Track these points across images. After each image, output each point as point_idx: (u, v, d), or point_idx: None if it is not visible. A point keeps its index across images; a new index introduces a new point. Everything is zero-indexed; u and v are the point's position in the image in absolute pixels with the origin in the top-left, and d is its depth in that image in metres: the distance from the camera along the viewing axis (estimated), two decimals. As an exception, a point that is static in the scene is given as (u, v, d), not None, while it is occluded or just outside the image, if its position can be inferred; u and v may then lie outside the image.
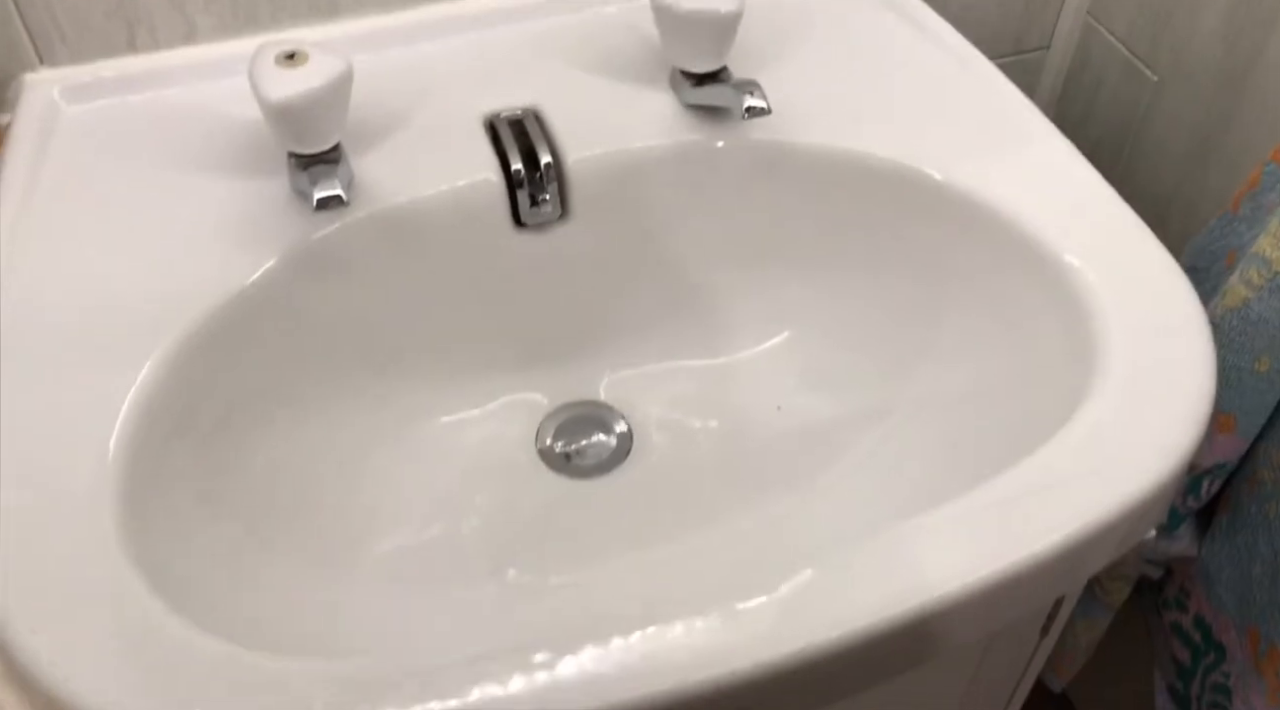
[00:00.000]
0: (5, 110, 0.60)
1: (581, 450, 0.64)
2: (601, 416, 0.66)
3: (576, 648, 0.40)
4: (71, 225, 0.55)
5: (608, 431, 0.65)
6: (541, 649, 0.40)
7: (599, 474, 0.64)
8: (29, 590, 0.42)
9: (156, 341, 0.50)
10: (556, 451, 0.64)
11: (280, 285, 0.55)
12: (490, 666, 0.40)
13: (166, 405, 0.49)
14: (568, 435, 0.65)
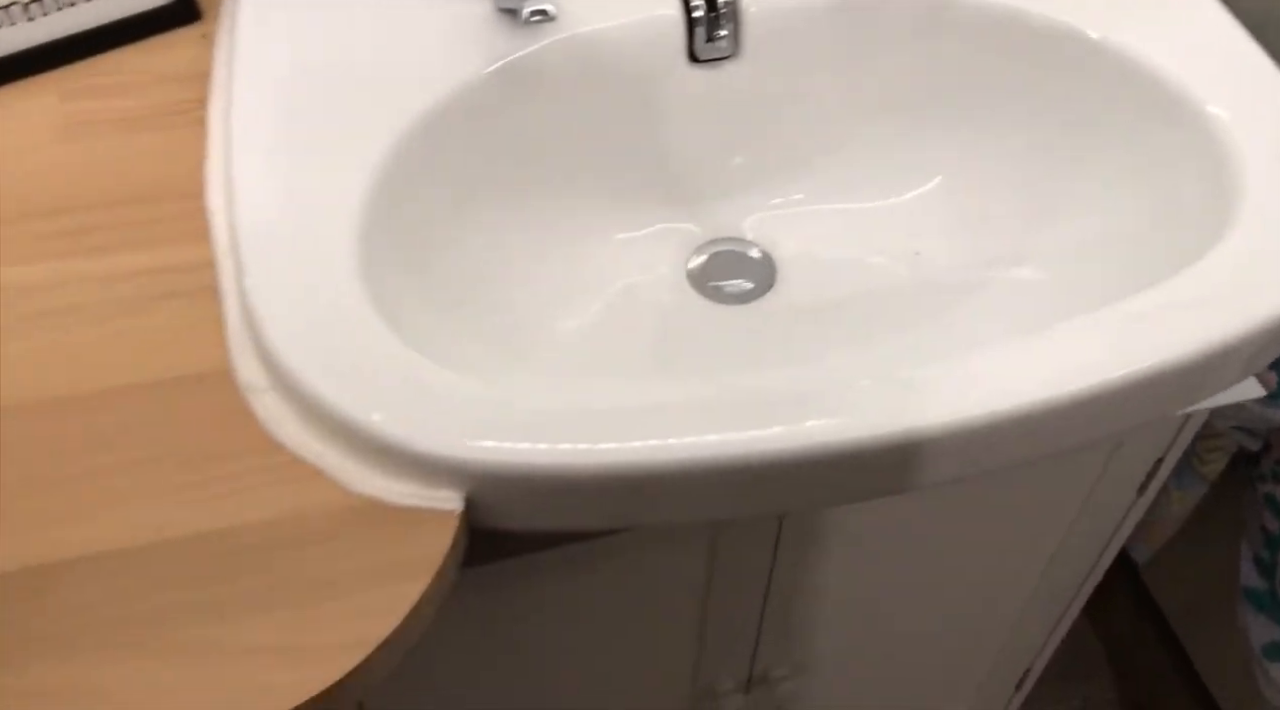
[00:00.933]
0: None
1: (727, 280, 0.70)
2: (747, 251, 0.71)
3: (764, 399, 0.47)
4: (294, 25, 0.61)
5: (752, 265, 0.71)
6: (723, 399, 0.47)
7: (742, 303, 0.69)
8: (295, 320, 0.49)
9: (378, 134, 0.57)
10: (704, 279, 0.70)
11: (478, 96, 0.61)
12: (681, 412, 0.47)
13: (389, 191, 0.56)
14: (715, 265, 0.70)
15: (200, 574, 0.44)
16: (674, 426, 0.47)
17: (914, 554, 0.75)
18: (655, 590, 0.68)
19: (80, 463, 0.47)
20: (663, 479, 0.47)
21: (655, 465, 0.47)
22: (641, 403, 0.49)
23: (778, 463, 0.47)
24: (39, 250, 0.53)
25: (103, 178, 0.56)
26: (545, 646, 0.69)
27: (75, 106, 0.59)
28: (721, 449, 0.47)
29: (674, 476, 0.47)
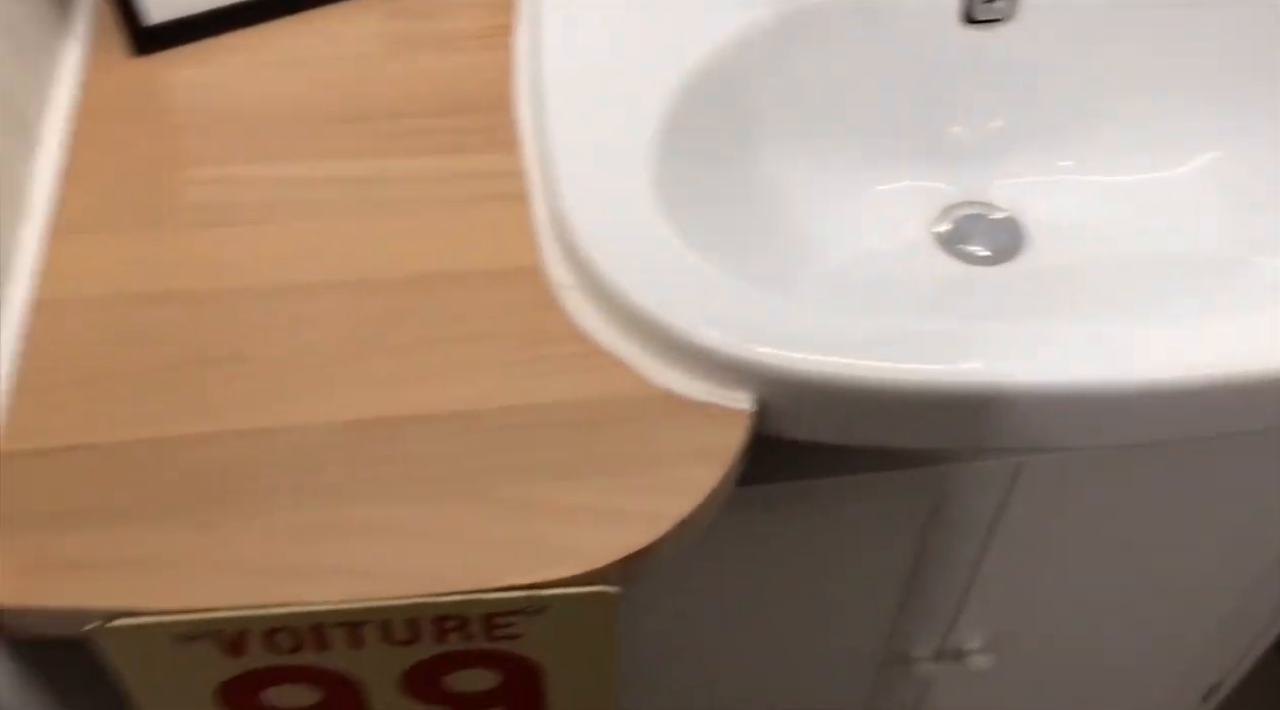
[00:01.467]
0: None
1: (973, 242, 0.71)
2: (996, 215, 0.72)
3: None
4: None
5: (1000, 229, 0.72)
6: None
7: (986, 265, 0.71)
8: (600, 227, 0.53)
9: (673, 64, 0.60)
10: (951, 238, 0.71)
11: (765, 37, 0.64)
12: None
13: (681, 116, 0.59)
14: (963, 226, 0.72)
15: (521, 440, 0.48)
16: (945, 352, 0.50)
17: (1136, 539, 0.75)
18: (873, 538, 0.70)
19: (414, 334, 0.51)
20: (939, 400, 0.50)
21: (933, 386, 0.49)
22: (910, 328, 0.52)
23: (1045, 395, 0.49)
24: (372, 148, 0.58)
25: (423, 90, 0.61)
26: (756, 580, 0.72)
27: (396, 26, 0.64)
28: (992, 377, 0.49)
29: (946, 399, 0.50)
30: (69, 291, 0.52)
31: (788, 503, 0.64)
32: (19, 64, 0.54)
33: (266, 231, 0.55)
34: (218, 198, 0.56)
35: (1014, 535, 0.72)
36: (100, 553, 0.44)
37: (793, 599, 0.72)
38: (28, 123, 0.55)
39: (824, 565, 0.70)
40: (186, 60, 0.61)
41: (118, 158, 0.57)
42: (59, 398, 0.49)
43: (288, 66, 0.62)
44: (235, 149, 0.58)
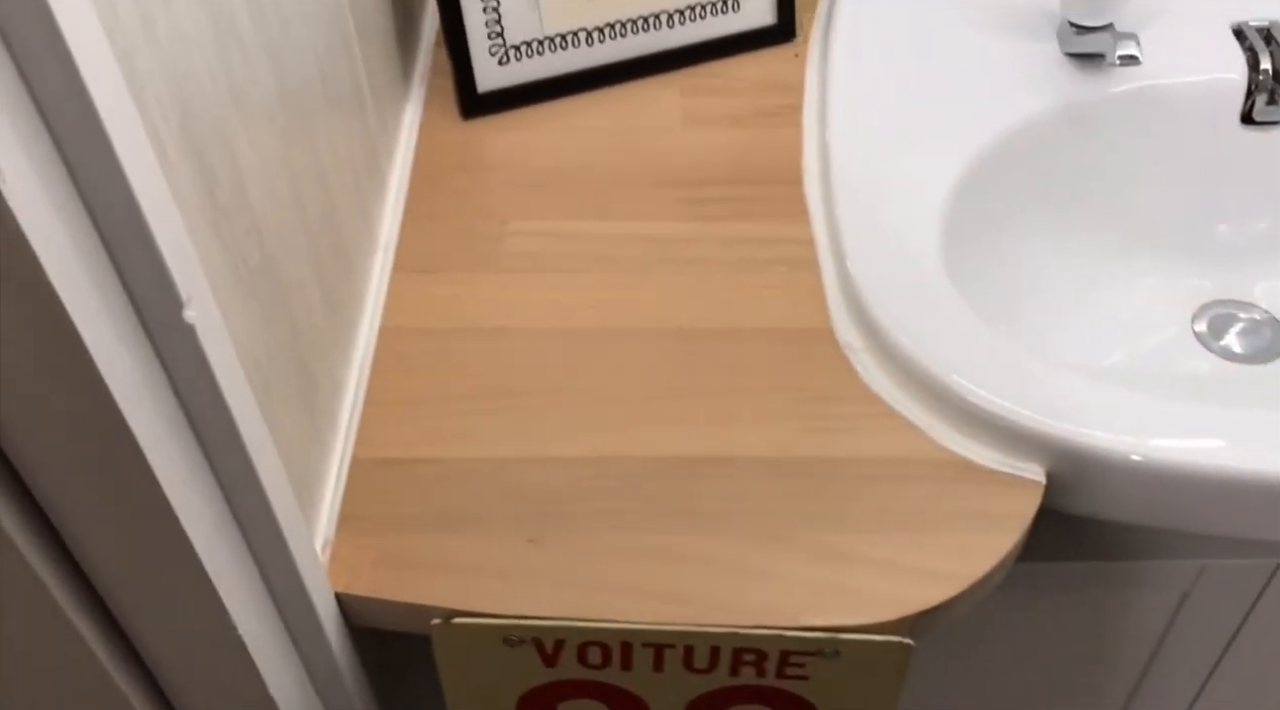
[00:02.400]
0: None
1: (1231, 338, 0.71)
2: (1257, 315, 0.72)
3: None
4: (880, 50, 0.69)
5: (1261, 330, 0.71)
6: None
7: (1245, 363, 0.70)
8: (888, 294, 0.56)
9: (954, 149, 0.63)
10: (1209, 333, 0.71)
11: (1042, 129, 0.66)
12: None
13: (962, 197, 0.62)
14: (1221, 322, 0.72)
15: (821, 490, 0.51)
16: (1240, 438, 0.51)
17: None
18: (1119, 622, 0.70)
19: (715, 381, 0.55)
20: (1234, 489, 0.50)
21: (1235, 472, 0.50)
22: (1200, 413, 0.53)
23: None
24: (672, 211, 0.63)
25: (717, 160, 0.66)
26: (998, 647, 0.72)
27: (693, 101, 0.70)
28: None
29: (1245, 489, 0.50)
30: (407, 321, 0.58)
31: (1040, 580, 0.65)
32: (379, 122, 0.61)
33: (582, 280, 0.60)
34: (537, 247, 0.61)
35: (1259, 635, 0.70)
36: (439, 556, 0.49)
37: (1031, 671, 0.72)
38: (382, 172, 0.62)
39: (1066, 642, 0.70)
40: (507, 125, 0.68)
41: (448, 206, 0.63)
42: (401, 414, 0.54)
43: (596, 134, 0.67)
44: (550, 205, 0.63)
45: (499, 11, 0.66)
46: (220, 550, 0.38)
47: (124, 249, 0.30)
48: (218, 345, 0.34)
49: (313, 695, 0.48)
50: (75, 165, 0.28)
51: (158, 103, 0.34)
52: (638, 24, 0.69)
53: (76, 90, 0.27)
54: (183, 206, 0.35)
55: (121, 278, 0.31)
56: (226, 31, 0.40)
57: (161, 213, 0.30)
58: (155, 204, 0.30)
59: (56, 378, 0.30)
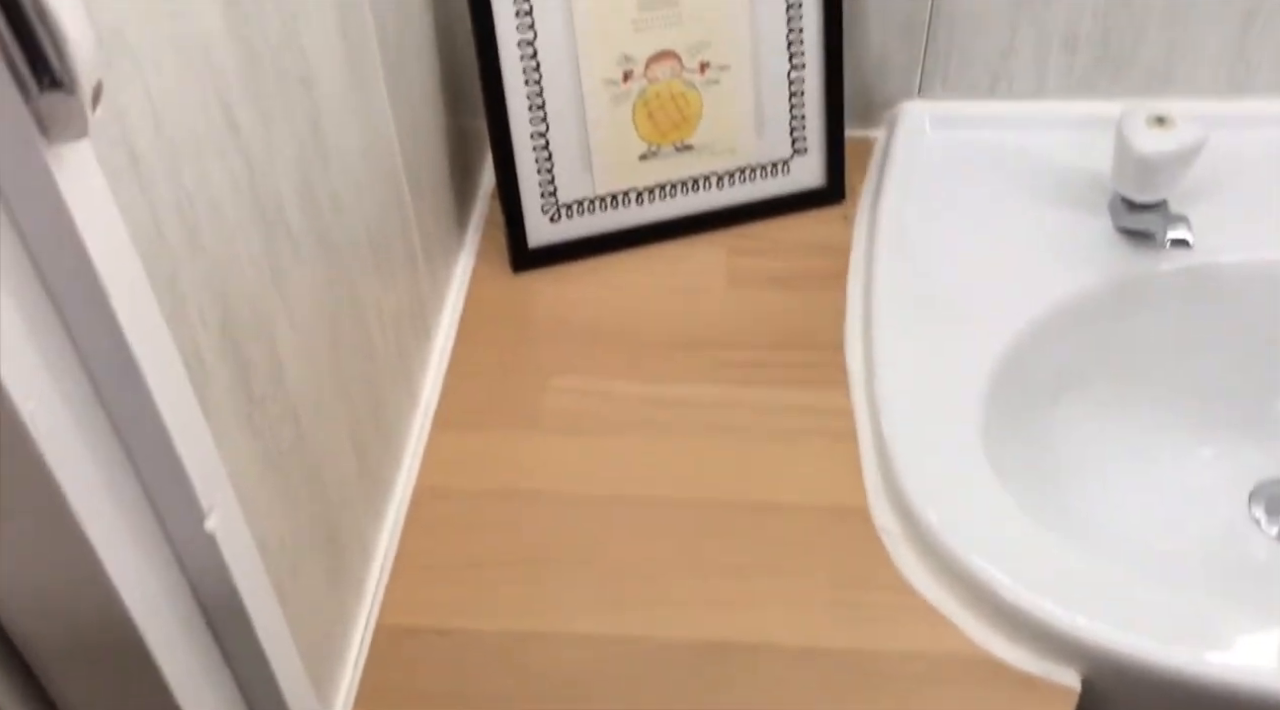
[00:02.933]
0: (881, 127, 0.77)
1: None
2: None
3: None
4: (929, 217, 0.70)
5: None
6: None
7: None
8: (926, 477, 0.55)
9: (999, 323, 0.63)
10: (1265, 511, 0.69)
11: (1091, 304, 0.66)
12: None
13: (1007, 371, 0.62)
14: (1276, 501, 0.70)
15: (853, 684, 0.50)
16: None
17: None
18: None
19: (746, 559, 0.54)
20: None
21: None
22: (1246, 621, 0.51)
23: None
24: (710, 374, 0.63)
25: (760, 323, 0.66)
26: None
27: (739, 261, 0.70)
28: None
29: None
30: (442, 481, 0.58)
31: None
32: (429, 278, 0.62)
33: (618, 443, 0.60)
34: (574, 407, 0.62)
35: None
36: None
37: None
38: (429, 328, 0.63)
39: None
40: (556, 279, 0.69)
41: (492, 361, 0.64)
42: (430, 578, 0.54)
43: (642, 291, 0.68)
44: (591, 363, 0.64)
45: (552, 173, 0.68)
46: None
47: (149, 469, 0.31)
48: (238, 548, 0.35)
49: None
50: (106, 397, 0.29)
51: (199, 312, 0.35)
52: (688, 185, 0.71)
53: (110, 330, 0.28)
54: (215, 409, 0.36)
55: (145, 492, 0.32)
56: (275, 223, 0.41)
57: (189, 433, 0.31)
58: (183, 426, 0.31)
59: (72, 586, 0.30)
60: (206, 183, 0.35)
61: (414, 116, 0.59)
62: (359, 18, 0.50)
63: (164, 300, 0.32)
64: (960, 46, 0.74)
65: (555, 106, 0.66)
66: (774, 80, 0.69)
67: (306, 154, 0.44)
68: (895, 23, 0.73)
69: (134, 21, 0.31)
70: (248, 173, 0.38)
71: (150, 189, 0.32)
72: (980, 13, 0.72)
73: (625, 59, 0.66)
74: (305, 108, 0.44)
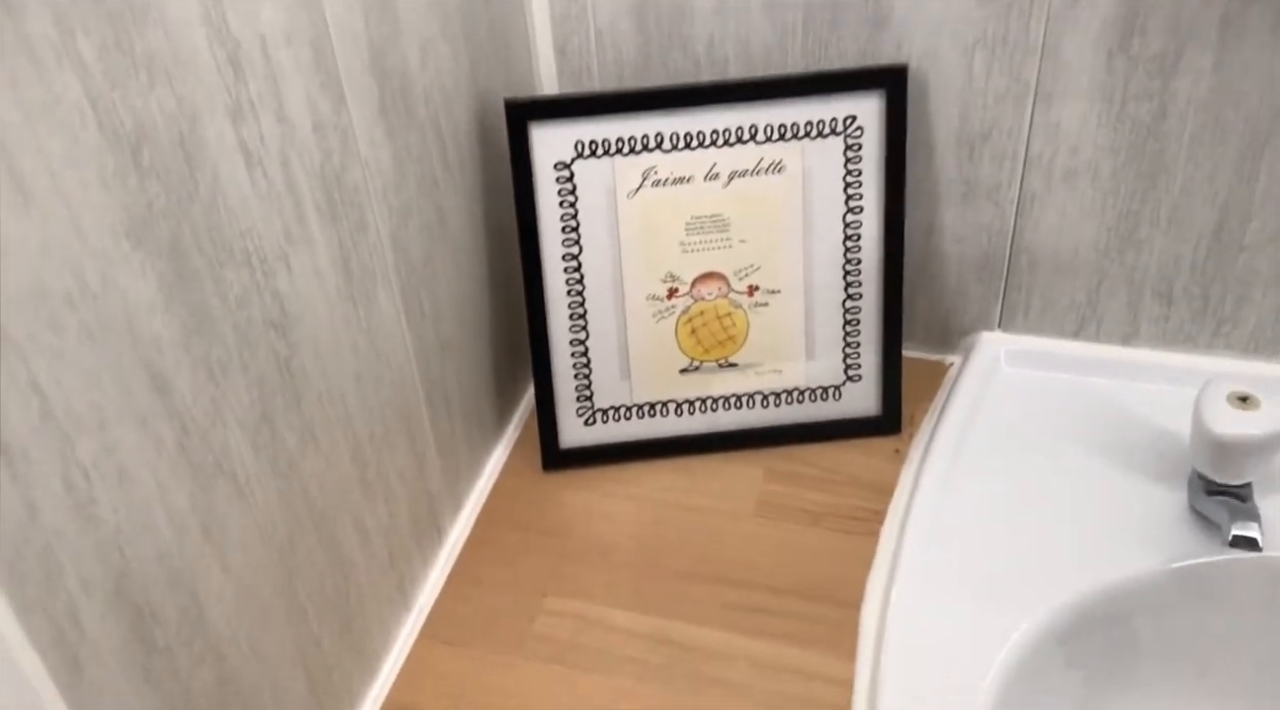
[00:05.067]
0: (956, 353, 0.73)
1: None
2: None
3: None
4: (986, 465, 0.65)
5: None
6: None
7: None
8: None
9: (1035, 603, 0.57)
10: None
11: (1150, 589, 0.59)
12: None
13: (1030, 667, 0.56)
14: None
15: None
16: None
17: None
18: None
19: None
20: None
21: None
22: None
23: None
24: (712, 616, 0.60)
25: (779, 562, 0.63)
26: None
27: (773, 487, 0.67)
28: None
29: None
30: (412, 699, 0.57)
31: None
32: (445, 482, 0.63)
33: (599, 682, 0.57)
34: (564, 634, 0.60)
35: None
36: None
37: None
38: (441, 529, 0.63)
39: None
40: (583, 483, 0.68)
41: (496, 569, 0.63)
42: (373, 806, 0.53)
43: (664, 508, 0.66)
44: (594, 587, 0.62)
45: (590, 378, 0.67)
46: None
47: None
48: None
49: None
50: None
51: (79, 581, 0.35)
52: (730, 401, 0.69)
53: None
54: (89, 669, 0.36)
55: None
56: (214, 475, 0.42)
57: None
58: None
59: None
60: (112, 452, 0.36)
61: (441, 324, 0.60)
62: (367, 240, 0.51)
63: (26, 574, 0.33)
64: (1043, 286, 0.70)
65: (596, 317, 0.66)
66: (827, 307, 0.67)
67: (269, 396, 0.45)
68: (972, 255, 0.70)
69: (23, 310, 0.32)
70: (177, 433, 0.39)
71: (24, 473, 0.33)
72: (1063, 257, 0.68)
73: (671, 277, 0.66)
74: (275, 352, 0.45)
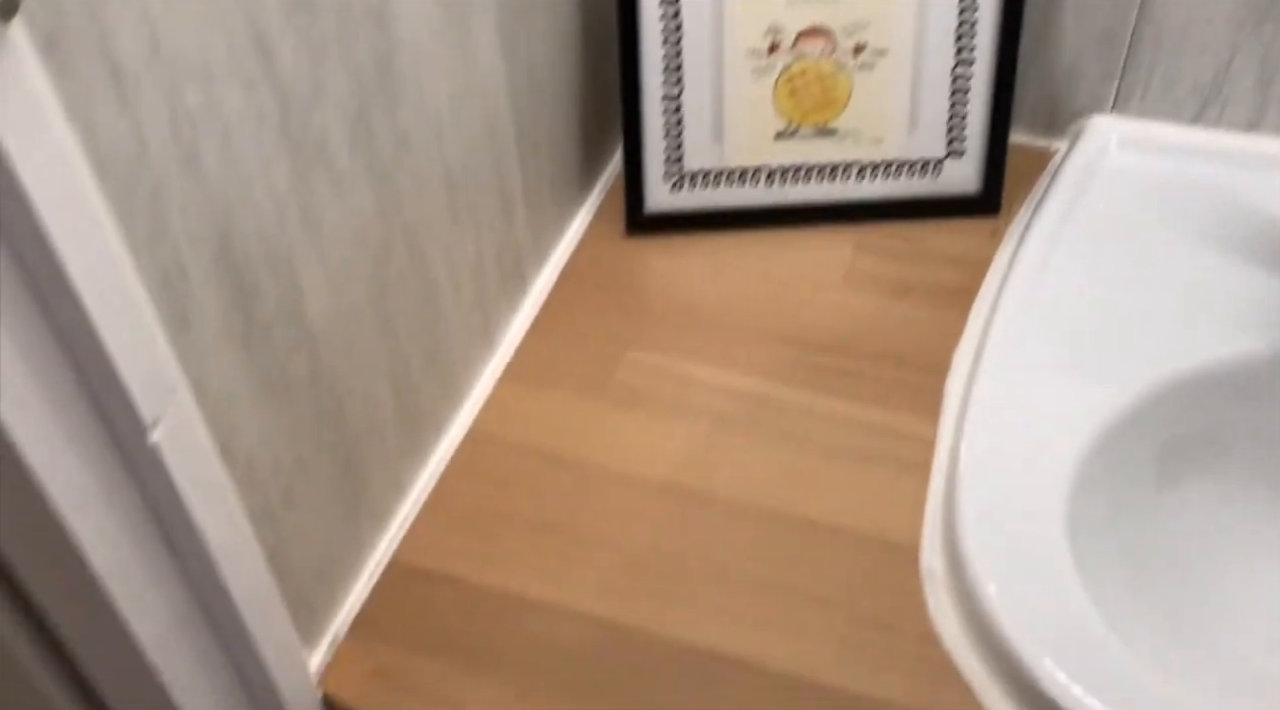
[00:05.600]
0: (1063, 139, 0.69)
1: None
2: None
3: None
4: (1087, 249, 0.63)
5: None
6: None
7: None
8: (992, 530, 0.51)
9: (1126, 379, 0.56)
10: None
11: (1247, 375, 0.57)
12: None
13: (1117, 443, 0.55)
14: None
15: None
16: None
17: None
18: None
19: (775, 574, 0.52)
20: None
21: None
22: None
23: None
24: (798, 375, 0.60)
25: (867, 329, 0.62)
26: None
27: (863, 260, 0.66)
28: None
29: None
30: (495, 430, 0.58)
31: None
32: (529, 230, 0.62)
33: (675, 428, 0.58)
34: (645, 384, 0.60)
35: None
36: (431, 687, 0.49)
37: None
38: (525, 278, 0.63)
39: None
40: (666, 249, 0.67)
41: (579, 323, 0.63)
42: (457, 523, 0.54)
43: (750, 276, 0.65)
44: (677, 342, 0.62)
45: (680, 139, 0.65)
46: (178, 647, 0.40)
47: (87, 371, 0.32)
48: (190, 465, 0.36)
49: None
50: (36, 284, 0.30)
51: (185, 231, 0.36)
52: (824, 171, 0.67)
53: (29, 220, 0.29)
54: (196, 327, 0.37)
55: (89, 396, 0.33)
56: (313, 161, 0.42)
57: (128, 340, 0.32)
58: (120, 330, 0.32)
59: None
60: (217, 108, 0.36)
61: (535, 65, 0.58)
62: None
63: (137, 212, 0.33)
64: (1166, 63, 0.66)
65: (692, 70, 0.64)
66: (936, 73, 0.64)
67: (368, 92, 0.44)
68: (1093, 27, 0.66)
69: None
70: (279, 105, 0.39)
71: (135, 103, 0.33)
72: (1195, 29, 0.64)
73: (774, 30, 0.63)
74: (374, 45, 0.44)
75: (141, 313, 0.33)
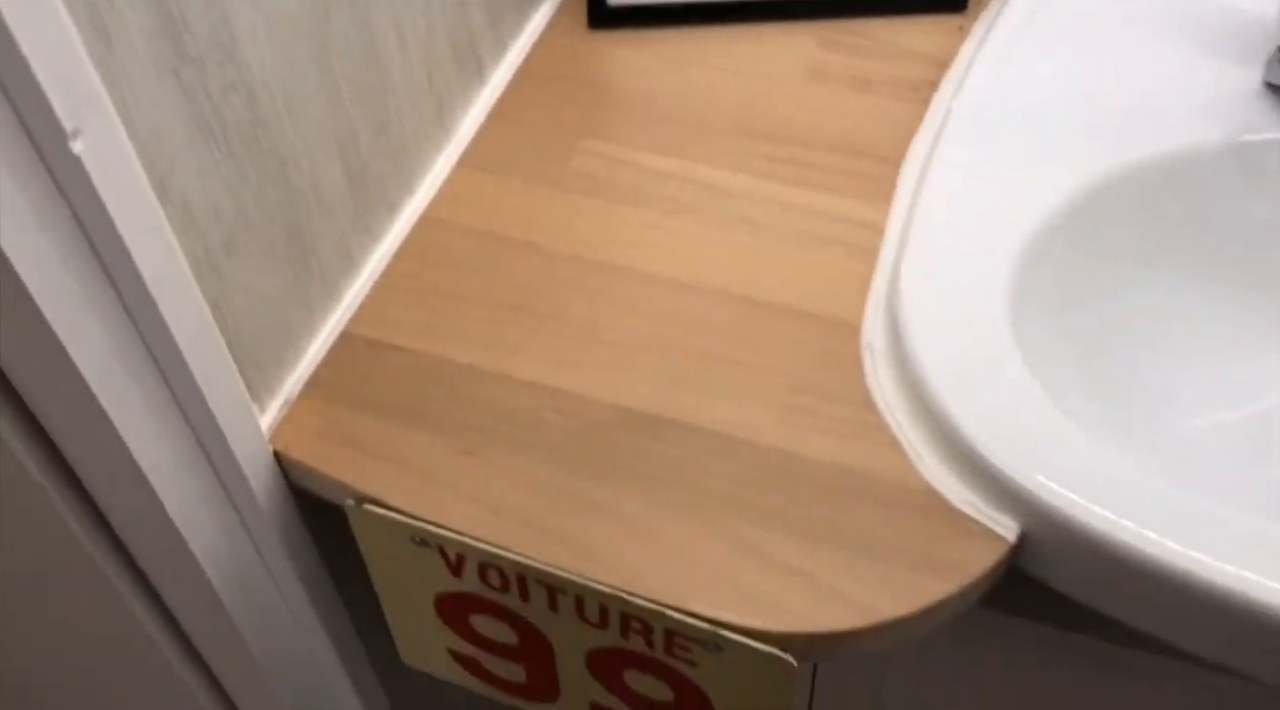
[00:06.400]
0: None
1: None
2: None
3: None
4: (1053, 44, 0.62)
5: None
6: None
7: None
8: (933, 301, 0.51)
9: (1081, 164, 0.56)
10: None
11: (1207, 162, 0.57)
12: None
13: (1065, 226, 0.55)
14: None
15: (772, 484, 0.48)
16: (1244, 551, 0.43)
17: None
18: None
19: (714, 346, 0.53)
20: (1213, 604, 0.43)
21: (1210, 587, 0.43)
22: (1237, 527, 0.45)
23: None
24: (754, 166, 0.60)
25: (825, 124, 0.62)
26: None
27: (826, 56, 0.65)
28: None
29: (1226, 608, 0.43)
30: (449, 215, 0.59)
31: (1041, 646, 0.58)
32: (487, 17, 0.61)
33: (628, 214, 0.58)
34: (600, 172, 0.60)
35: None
36: (378, 442, 0.50)
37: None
38: (483, 66, 0.62)
39: None
40: (628, 42, 0.66)
41: (537, 113, 0.63)
42: (407, 300, 0.55)
43: (710, 71, 0.65)
44: (633, 133, 0.62)
45: (643, -74, 0.64)
46: (122, 381, 0.41)
47: (8, 74, 0.32)
48: (118, 185, 0.36)
49: (243, 541, 0.51)
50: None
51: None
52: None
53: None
54: (119, 47, 0.37)
55: (10, 104, 0.33)
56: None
57: (37, 36, 0.32)
58: (30, 28, 0.32)
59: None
60: None
61: None
62: None
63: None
64: None
65: None
66: None
67: None
68: None
69: None
70: None
71: None
72: None
73: None
74: None
75: (57, 12, 0.33)
